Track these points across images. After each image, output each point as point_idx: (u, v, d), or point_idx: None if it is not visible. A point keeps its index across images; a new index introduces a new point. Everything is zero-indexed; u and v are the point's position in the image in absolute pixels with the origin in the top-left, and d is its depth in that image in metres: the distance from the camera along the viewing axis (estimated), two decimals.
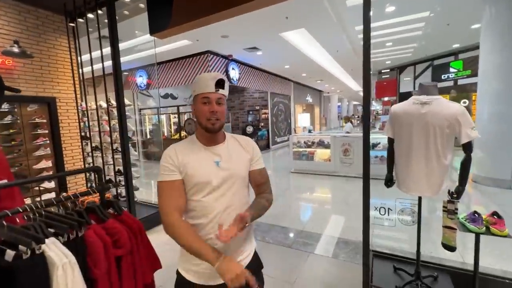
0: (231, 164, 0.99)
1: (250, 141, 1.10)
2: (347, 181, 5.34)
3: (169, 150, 0.97)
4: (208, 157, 0.97)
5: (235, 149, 1.04)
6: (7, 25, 3.32)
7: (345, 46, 7.11)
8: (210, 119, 0.93)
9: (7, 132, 3.36)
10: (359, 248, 2.54)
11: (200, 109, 0.94)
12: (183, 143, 1.00)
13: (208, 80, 0.92)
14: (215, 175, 0.95)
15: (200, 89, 0.94)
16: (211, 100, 0.93)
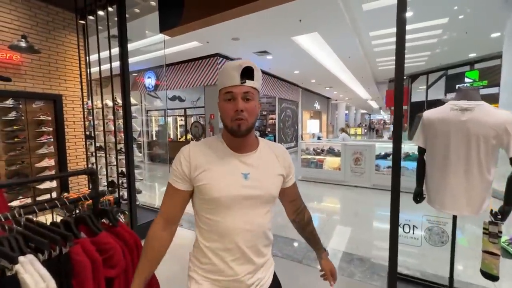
0: (262, 179, 0.80)
1: (285, 153, 0.92)
2: (358, 192, 5.11)
3: (182, 151, 0.81)
4: (234, 166, 0.78)
5: (269, 160, 0.85)
6: (17, 20, 3.27)
7: (357, 52, 6.95)
8: (235, 120, 0.74)
9: (11, 129, 3.27)
10: (375, 268, 2.32)
11: (223, 107, 0.76)
12: (205, 142, 0.83)
13: (231, 70, 0.74)
14: (241, 191, 0.76)
15: (222, 82, 0.76)
16: (235, 95, 0.74)
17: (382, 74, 10.51)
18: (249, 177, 0.78)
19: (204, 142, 0.83)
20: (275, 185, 0.85)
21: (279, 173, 0.86)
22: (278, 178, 0.86)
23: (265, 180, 0.81)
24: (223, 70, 0.76)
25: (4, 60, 3.16)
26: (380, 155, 5.32)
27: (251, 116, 0.76)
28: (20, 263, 0.70)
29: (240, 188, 0.77)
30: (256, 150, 0.83)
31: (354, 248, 2.72)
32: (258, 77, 0.77)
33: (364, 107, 29.85)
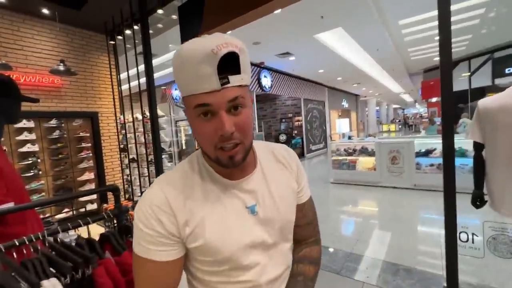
0: (276, 205, 0.57)
1: (290, 153, 0.66)
2: (397, 193, 4.71)
3: (152, 199, 0.49)
4: (235, 202, 0.53)
5: (276, 174, 0.60)
6: (57, 47, 3.57)
7: (386, 44, 6.51)
8: (222, 150, 0.47)
9: (55, 146, 3.55)
10: (426, 280, 2.06)
11: (197, 129, 0.47)
12: (182, 176, 0.53)
13: (198, 63, 0.42)
14: (252, 236, 0.53)
15: (185, 85, 0.45)
16: (215, 108, 0.44)
17: (416, 64, 9.74)
18: (258, 210, 0.54)
19: (181, 176, 0.53)
20: (291, 204, 0.61)
21: (293, 188, 0.62)
22: (293, 194, 0.62)
23: (280, 205, 0.57)
24: (182, 63, 0.43)
25: (48, 84, 3.46)
26: (420, 152, 4.87)
27: (247, 133, 0.48)
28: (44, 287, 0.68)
29: (252, 231, 0.53)
30: (255, 167, 0.58)
31: (398, 257, 2.46)
32: (245, 63, 0.46)
33: (396, 102, 28.04)
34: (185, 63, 0.43)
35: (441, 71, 1.16)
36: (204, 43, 0.42)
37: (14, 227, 0.86)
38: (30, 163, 3.31)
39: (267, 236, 0.56)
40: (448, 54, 1.14)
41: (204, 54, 0.41)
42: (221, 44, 0.42)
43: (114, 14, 3.42)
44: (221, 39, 0.43)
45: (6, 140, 3.15)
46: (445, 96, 1.17)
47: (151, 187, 0.52)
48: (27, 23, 3.28)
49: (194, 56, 0.42)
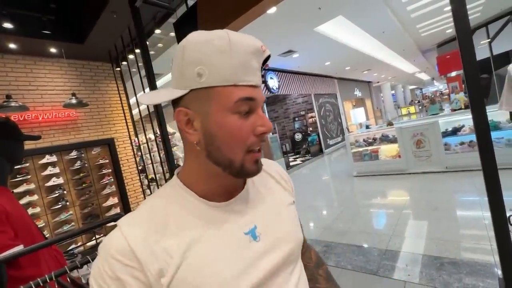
0: (279, 223, 0.49)
1: (279, 167, 0.60)
2: (427, 179, 4.40)
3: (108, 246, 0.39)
4: (228, 231, 0.43)
5: (270, 188, 0.53)
6: (68, 82, 3.73)
7: (392, 24, 6.23)
8: (253, 152, 0.42)
9: (78, 176, 3.69)
10: (477, 273, 1.85)
11: (233, 127, 0.40)
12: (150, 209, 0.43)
13: (246, 53, 0.39)
14: (260, 268, 0.42)
15: (230, 73, 0.39)
16: (256, 104, 0.41)
17: (427, 40, 9.24)
18: (259, 234, 0.45)
19: (149, 210, 0.43)
20: (295, 220, 0.53)
21: (290, 201, 0.55)
22: (292, 208, 0.54)
23: (280, 221, 0.49)
24: (230, 47, 0.38)
25: (64, 118, 3.61)
26: (447, 131, 4.54)
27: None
28: None
29: (259, 262, 0.43)
30: (246, 182, 0.50)
31: (440, 249, 2.25)
32: None
33: (412, 82, 26.81)
34: (234, 48, 0.38)
35: (459, 40, 1.03)
36: (252, 38, 0.41)
37: (27, 270, 0.84)
38: (57, 196, 3.44)
39: (276, 266, 0.45)
40: (465, 19, 1.00)
41: (255, 48, 0.40)
42: (263, 46, 0.42)
43: (116, 41, 3.52)
44: (261, 43, 0.42)
45: (33, 177, 3.31)
46: (468, 66, 1.03)
47: (112, 231, 0.41)
48: (38, 64, 3.46)
49: (246, 45, 0.39)
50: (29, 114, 3.27)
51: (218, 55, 0.38)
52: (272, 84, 7.85)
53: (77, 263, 0.86)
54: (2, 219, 0.82)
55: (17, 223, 0.87)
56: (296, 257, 0.51)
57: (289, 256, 0.47)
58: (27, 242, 0.87)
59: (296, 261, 0.51)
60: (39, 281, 0.70)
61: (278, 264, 0.45)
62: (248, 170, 0.42)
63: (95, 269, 0.39)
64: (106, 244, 0.39)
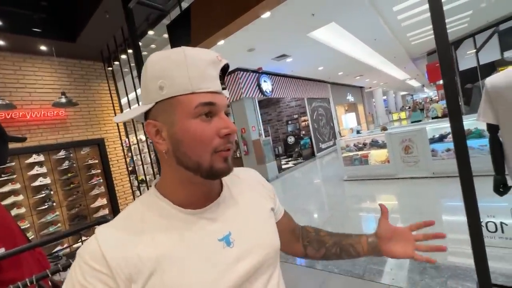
0: (255, 230, 0.50)
1: (257, 174, 0.64)
2: (415, 184, 4.50)
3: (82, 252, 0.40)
4: (202, 238, 0.45)
5: (247, 194, 0.55)
6: (58, 80, 3.68)
7: (383, 32, 6.38)
8: (221, 151, 0.44)
9: (66, 177, 3.62)
10: (458, 277, 1.91)
11: (196, 131, 0.42)
12: (126, 216, 0.45)
13: (206, 64, 0.43)
14: (234, 274, 0.44)
15: (189, 83, 0.42)
16: (218, 108, 0.44)
17: (417, 48, 9.49)
18: (233, 239, 0.46)
19: (125, 217, 0.45)
20: (273, 227, 0.55)
21: (269, 207, 0.57)
22: (271, 215, 0.57)
23: (256, 228, 0.50)
24: (186, 61, 0.42)
25: (53, 117, 3.55)
26: (434, 138, 4.66)
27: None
28: None
29: (232, 267, 0.44)
30: (222, 190, 0.52)
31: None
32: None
33: (403, 89, 27.41)
34: (190, 61, 0.42)
35: (438, 50, 1.08)
36: (207, 51, 0.44)
37: (8, 273, 0.84)
38: (43, 196, 3.38)
39: (250, 272, 0.46)
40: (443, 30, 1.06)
41: (211, 58, 0.43)
42: (220, 56, 0.45)
43: (109, 41, 3.50)
44: (217, 53, 0.45)
45: (19, 176, 3.23)
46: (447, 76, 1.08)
47: (90, 240, 0.42)
48: (28, 61, 3.40)
49: (201, 58, 0.43)
50: (16, 113, 3.20)
51: (175, 68, 0.42)
52: (266, 87, 7.90)
53: (60, 266, 0.86)
54: None
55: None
56: (273, 263, 0.51)
57: (264, 262, 0.48)
58: (8, 245, 0.86)
59: (274, 267, 0.52)
60: (19, 285, 0.70)
61: (253, 270, 0.46)
62: (218, 169, 0.44)
63: (69, 272, 0.40)
64: (81, 249, 0.41)
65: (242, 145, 7.54)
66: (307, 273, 2.42)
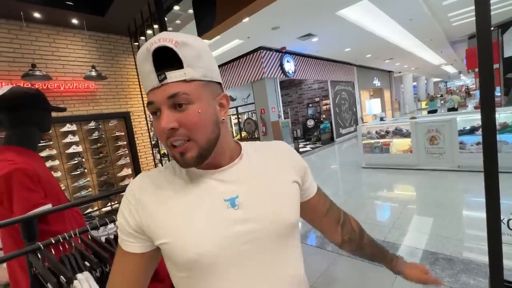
0: (265, 197, 0.49)
1: (289, 148, 0.61)
2: (437, 176, 4.35)
3: (126, 191, 0.51)
4: (209, 192, 0.48)
5: (267, 165, 0.54)
6: (88, 54, 3.83)
7: (421, 11, 5.86)
8: (170, 146, 0.46)
9: (96, 146, 3.89)
10: (470, 271, 1.90)
11: (154, 127, 0.51)
12: (157, 172, 0.53)
13: (141, 61, 0.44)
14: (232, 232, 0.46)
15: (143, 86, 0.47)
16: (157, 105, 0.44)
17: (458, 30, 8.66)
18: (239, 202, 0.47)
19: (156, 172, 0.53)
20: (290, 201, 0.53)
21: (292, 180, 0.55)
22: (292, 188, 0.54)
23: (270, 198, 0.50)
24: (138, 64, 0.46)
25: (84, 90, 3.75)
26: (464, 130, 4.40)
27: (196, 130, 0.44)
28: (78, 280, 0.75)
29: (229, 226, 0.46)
30: (239, 157, 0.53)
31: (438, 246, 2.29)
32: (191, 57, 0.43)
33: (437, 75, 25.46)
34: (138, 63, 0.46)
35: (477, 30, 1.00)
36: (145, 43, 0.44)
37: (54, 226, 0.97)
38: (76, 163, 3.67)
39: (250, 235, 0.46)
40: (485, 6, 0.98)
41: (143, 52, 0.43)
42: (154, 41, 0.42)
43: (135, 16, 3.54)
44: (157, 36, 0.43)
45: (55, 143, 3.52)
46: (483, 63, 1.02)
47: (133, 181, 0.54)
48: (61, 34, 3.55)
49: (139, 56, 0.45)
50: (52, 84, 3.41)
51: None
52: (288, 67, 7.70)
53: (97, 223, 0.98)
54: (34, 181, 0.93)
55: (46, 185, 0.98)
56: (283, 241, 0.50)
57: (269, 235, 0.48)
58: (54, 202, 0.98)
59: (285, 247, 0.50)
60: (65, 236, 0.82)
61: (252, 237, 0.46)
62: (177, 160, 0.47)
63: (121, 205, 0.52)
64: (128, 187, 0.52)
65: (261, 126, 7.56)
66: (316, 253, 2.51)
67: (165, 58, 0.42)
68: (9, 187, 0.89)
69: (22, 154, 0.99)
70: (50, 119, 1.10)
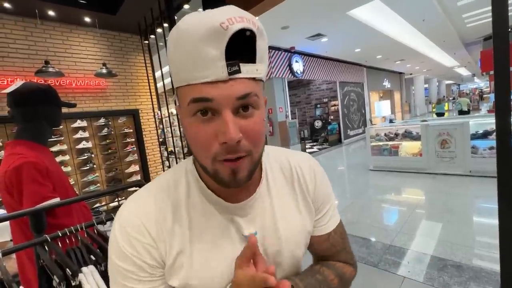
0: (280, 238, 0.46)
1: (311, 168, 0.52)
2: (447, 180, 4.24)
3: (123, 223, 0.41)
4: (229, 231, 0.44)
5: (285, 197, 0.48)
6: (99, 51, 3.90)
7: (434, 12, 5.73)
8: (223, 161, 0.36)
9: (105, 142, 3.96)
10: (480, 279, 1.84)
11: (192, 132, 0.36)
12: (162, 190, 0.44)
13: (199, 40, 0.32)
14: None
15: (181, 73, 0.35)
16: (219, 106, 0.34)
17: (473, 32, 8.43)
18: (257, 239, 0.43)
19: (161, 191, 0.43)
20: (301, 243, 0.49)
21: (305, 226, 0.49)
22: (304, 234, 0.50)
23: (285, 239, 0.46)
24: (178, 40, 0.33)
25: (95, 86, 3.82)
26: (477, 134, 4.28)
27: (258, 142, 0.37)
28: (84, 273, 0.76)
29: None
30: (260, 185, 0.46)
31: (447, 252, 2.23)
32: (263, 50, 0.35)
33: (449, 77, 24.86)
34: (181, 40, 0.32)
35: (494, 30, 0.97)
36: (210, 15, 0.32)
37: (62, 219, 0.99)
38: (85, 158, 3.74)
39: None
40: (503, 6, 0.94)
41: (210, 28, 0.31)
42: (234, 17, 0.31)
43: (146, 14, 3.58)
44: (235, 11, 0.33)
45: (65, 139, 3.60)
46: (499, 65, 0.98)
47: (124, 207, 0.42)
48: (74, 32, 3.63)
49: (196, 30, 0.31)
50: (64, 80, 3.49)
51: (172, 50, 0.34)
52: (297, 67, 7.66)
53: (103, 218, 0.99)
54: (44, 175, 0.95)
55: (55, 179, 1.00)
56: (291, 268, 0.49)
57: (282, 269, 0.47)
58: (62, 196, 1.00)
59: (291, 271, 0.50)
60: (72, 229, 0.83)
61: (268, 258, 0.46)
62: (223, 180, 0.37)
63: (113, 244, 0.41)
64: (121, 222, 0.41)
65: (268, 126, 7.55)
66: None
67: (240, 45, 0.33)
68: (19, 180, 0.92)
69: (32, 149, 1.01)
70: (60, 114, 1.12)
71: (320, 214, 0.52)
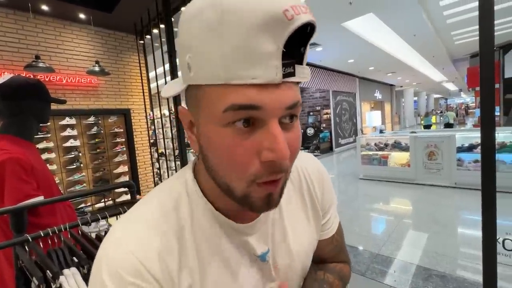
0: (291, 254, 0.43)
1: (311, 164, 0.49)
2: (434, 192, 4.34)
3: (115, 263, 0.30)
4: (242, 254, 0.38)
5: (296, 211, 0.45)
6: (93, 49, 3.84)
7: (425, 28, 5.95)
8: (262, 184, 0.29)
9: (94, 141, 3.87)
10: None
11: (226, 147, 0.28)
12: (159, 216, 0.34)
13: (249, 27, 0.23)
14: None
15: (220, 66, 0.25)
16: (265, 115, 0.27)
17: (460, 49, 8.78)
18: (269, 257, 0.40)
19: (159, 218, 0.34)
20: (309, 256, 0.47)
21: (313, 238, 0.47)
22: (312, 246, 0.48)
23: (296, 254, 0.43)
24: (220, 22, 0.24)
25: (86, 84, 3.75)
26: (462, 147, 4.42)
27: (296, 156, 0.32)
28: (65, 275, 0.73)
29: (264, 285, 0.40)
30: None
31: (432, 262, 2.27)
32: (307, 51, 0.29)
33: (438, 91, 25.70)
34: (227, 23, 0.24)
35: (480, 49, 1.01)
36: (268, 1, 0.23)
37: (45, 218, 0.95)
38: (72, 157, 3.64)
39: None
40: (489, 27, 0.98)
41: (269, 15, 0.23)
42: (299, 6, 0.24)
43: (143, 14, 3.56)
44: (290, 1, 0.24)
45: (52, 136, 3.50)
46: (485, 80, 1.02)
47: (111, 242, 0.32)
48: (67, 28, 3.56)
49: (249, 13, 0.23)
50: (54, 76, 3.41)
51: (205, 35, 0.25)
52: None
53: (88, 219, 0.96)
54: (28, 171, 0.92)
55: (39, 176, 0.97)
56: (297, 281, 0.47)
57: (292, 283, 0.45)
58: (46, 194, 0.97)
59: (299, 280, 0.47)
60: (55, 229, 0.80)
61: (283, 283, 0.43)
62: (254, 205, 0.30)
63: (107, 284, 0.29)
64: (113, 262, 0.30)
65: None
66: None
67: (296, 42, 0.26)
68: (2, 176, 0.88)
69: (17, 144, 0.98)
70: (49, 110, 1.09)
71: (326, 218, 0.49)
